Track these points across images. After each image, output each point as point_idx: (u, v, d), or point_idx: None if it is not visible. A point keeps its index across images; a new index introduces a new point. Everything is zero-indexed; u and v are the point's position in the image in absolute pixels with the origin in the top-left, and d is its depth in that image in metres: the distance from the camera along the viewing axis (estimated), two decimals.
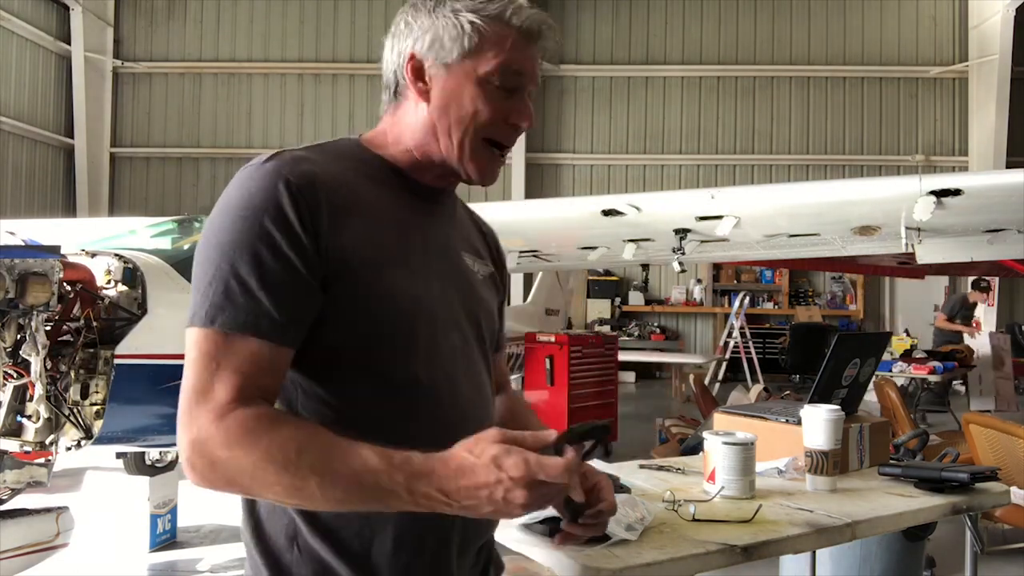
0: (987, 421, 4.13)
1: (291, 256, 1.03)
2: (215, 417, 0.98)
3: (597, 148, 14.18)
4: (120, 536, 4.51)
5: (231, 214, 1.04)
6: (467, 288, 1.24)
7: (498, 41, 1.14)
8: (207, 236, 1.05)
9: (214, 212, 1.07)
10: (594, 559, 1.55)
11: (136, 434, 4.01)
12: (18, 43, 12.19)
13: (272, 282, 1.02)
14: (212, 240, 1.04)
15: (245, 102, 14.07)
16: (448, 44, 1.14)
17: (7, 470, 3.67)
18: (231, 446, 0.97)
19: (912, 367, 7.56)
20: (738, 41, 14.00)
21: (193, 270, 1.06)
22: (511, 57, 1.14)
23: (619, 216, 4.53)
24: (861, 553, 3.12)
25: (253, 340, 1.01)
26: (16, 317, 3.34)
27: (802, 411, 2.18)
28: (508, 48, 1.14)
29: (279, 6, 14.00)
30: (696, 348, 14.01)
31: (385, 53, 1.21)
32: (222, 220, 1.05)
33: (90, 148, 13.39)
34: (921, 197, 3.76)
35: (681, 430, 6.19)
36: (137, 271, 3.90)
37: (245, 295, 1.01)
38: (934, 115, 13.86)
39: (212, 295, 1.01)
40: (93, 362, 3.70)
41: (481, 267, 1.30)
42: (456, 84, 1.15)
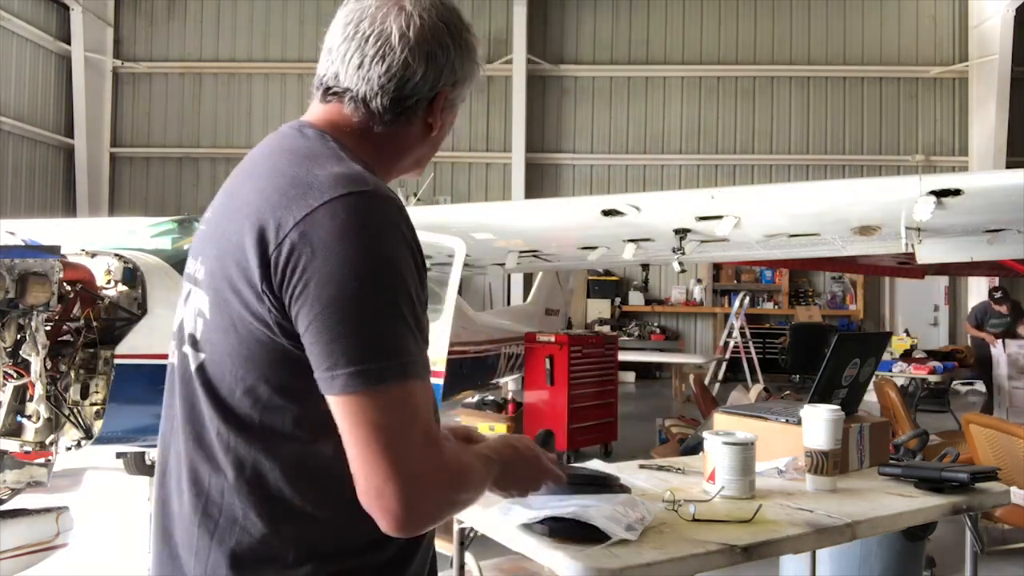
0: (987, 421, 4.13)
1: (424, 288, 1.07)
2: (443, 461, 1.02)
3: (597, 148, 14.18)
4: (120, 536, 4.51)
5: (384, 251, 0.99)
6: None
7: (474, 78, 1.23)
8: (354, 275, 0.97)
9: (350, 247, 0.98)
10: (594, 559, 1.56)
11: (136, 434, 4.00)
12: (18, 43, 12.20)
13: (424, 317, 1.05)
14: (370, 281, 0.98)
15: (245, 102, 14.07)
16: (466, 91, 1.22)
17: (7, 470, 3.67)
18: (456, 483, 1.06)
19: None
20: (738, 41, 14.00)
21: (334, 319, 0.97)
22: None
23: (619, 216, 4.53)
24: (861, 553, 3.12)
25: (429, 383, 1.05)
26: (16, 317, 3.34)
27: (802, 411, 2.18)
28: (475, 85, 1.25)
29: (279, 6, 14.01)
30: (696, 348, 14.01)
31: (407, 70, 1.12)
32: (372, 261, 0.98)
33: (90, 148, 13.40)
34: (921, 197, 3.76)
35: (681, 430, 6.20)
36: (137, 271, 3.90)
37: (420, 338, 1.03)
38: (934, 115, 13.86)
39: (397, 344, 0.98)
40: (93, 362, 3.69)
41: None
42: (449, 122, 1.24)
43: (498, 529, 1.77)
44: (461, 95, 1.21)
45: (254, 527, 1.04)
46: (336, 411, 0.98)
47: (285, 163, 1.09)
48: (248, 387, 1.05)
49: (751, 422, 2.38)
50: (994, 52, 12.91)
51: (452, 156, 13.62)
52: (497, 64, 13.59)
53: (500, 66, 13.60)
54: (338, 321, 0.96)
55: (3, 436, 3.44)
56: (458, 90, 1.20)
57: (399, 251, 1.00)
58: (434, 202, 11.27)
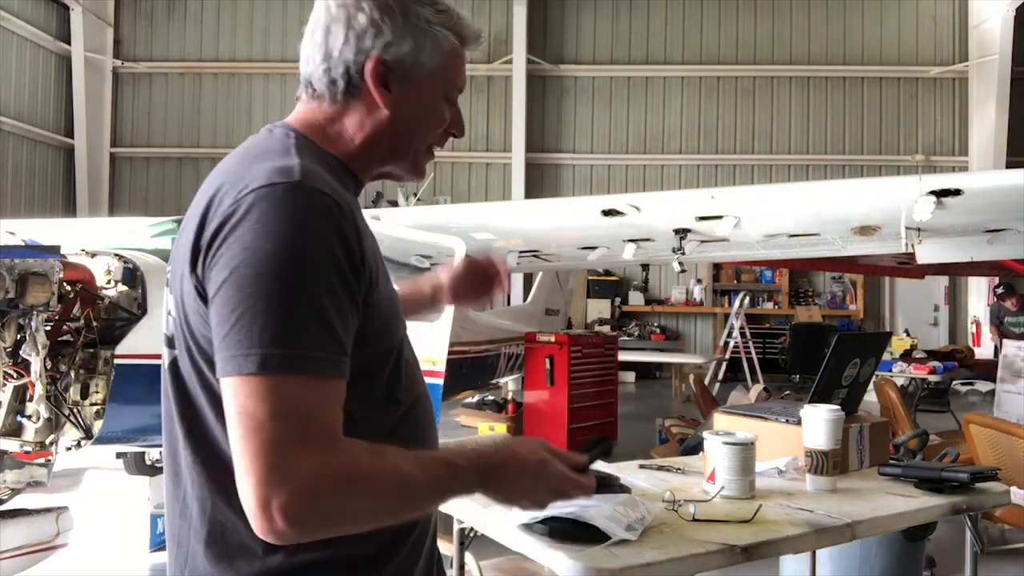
0: (987, 421, 4.13)
1: (354, 282, 1.01)
2: (325, 464, 0.93)
3: (597, 148, 14.18)
4: (120, 536, 4.51)
5: (290, 240, 0.96)
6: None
7: (459, 57, 1.20)
8: (258, 264, 0.95)
9: (259, 236, 0.96)
10: (594, 559, 1.56)
11: (136, 434, 4.00)
12: (18, 43, 12.20)
13: (345, 319, 0.99)
14: (270, 270, 0.95)
15: (245, 102, 14.07)
16: (424, 58, 1.15)
17: (7, 470, 3.67)
18: (350, 489, 0.95)
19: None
20: (738, 41, 14.00)
21: (235, 300, 0.95)
22: (464, 74, 1.21)
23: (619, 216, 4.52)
24: (861, 553, 3.12)
25: (333, 380, 0.98)
26: (16, 317, 3.34)
27: (802, 411, 2.18)
28: (463, 65, 1.21)
29: (279, 6, 14.00)
30: (696, 348, 14.01)
31: (329, 39, 1.14)
32: (277, 247, 0.95)
33: (90, 148, 13.40)
34: (921, 197, 3.75)
35: (681, 430, 6.20)
36: (137, 271, 3.90)
37: (324, 331, 0.96)
38: (934, 115, 13.86)
39: (287, 334, 0.94)
40: (93, 362, 3.69)
41: None
42: (425, 97, 1.18)
43: (498, 529, 1.77)
44: (408, 61, 1.13)
45: (224, 517, 1.04)
46: (223, 395, 0.97)
47: (235, 162, 1.10)
48: (203, 380, 1.06)
49: (751, 422, 2.38)
50: (994, 52, 12.91)
51: (452, 156, 13.62)
52: (497, 64, 13.59)
53: (500, 66, 13.60)
54: (234, 306, 0.95)
55: (3, 436, 3.44)
56: (399, 56, 1.12)
57: (312, 243, 0.97)
58: (434, 202, 11.27)
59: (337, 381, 0.98)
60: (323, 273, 0.97)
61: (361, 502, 0.97)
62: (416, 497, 1.04)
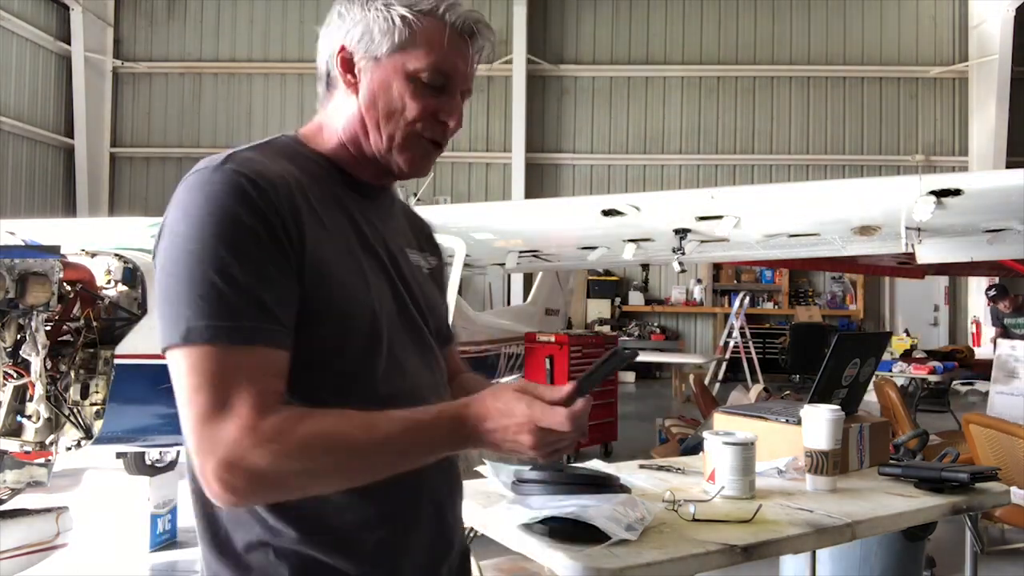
0: (987, 421, 4.13)
1: (277, 254, 1.02)
2: (246, 430, 0.95)
3: (597, 148, 14.18)
4: (120, 536, 4.51)
5: (202, 218, 0.99)
6: (415, 284, 1.24)
7: (429, 38, 1.13)
8: (176, 244, 1.00)
9: (176, 219, 1.02)
10: (594, 559, 1.55)
11: (136, 434, 4.01)
12: (18, 43, 12.20)
13: (271, 287, 1.00)
14: (186, 248, 0.99)
15: (245, 102, 14.07)
16: (378, 37, 1.13)
17: (7, 470, 3.67)
18: (276, 452, 0.95)
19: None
20: (738, 41, 14.00)
21: (162, 282, 1.01)
22: (441, 55, 1.14)
23: (619, 216, 4.53)
24: (861, 553, 3.12)
25: (259, 349, 0.99)
26: (16, 317, 3.34)
27: (802, 411, 2.18)
28: (439, 45, 1.14)
29: (279, 6, 14.01)
30: (696, 348, 14.01)
31: (319, 44, 1.20)
32: (191, 226, 1.00)
33: (90, 148, 13.40)
34: (921, 197, 3.76)
35: (681, 430, 6.19)
36: (137, 271, 3.90)
37: (242, 301, 0.98)
38: (934, 115, 13.87)
39: (205, 307, 0.97)
40: (93, 362, 3.70)
41: (424, 262, 1.31)
42: (384, 78, 1.14)
43: (498, 529, 1.77)
44: (364, 42, 1.14)
45: (211, 508, 1.11)
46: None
47: None
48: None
49: (751, 422, 2.38)
50: (994, 52, 12.91)
51: (452, 156, 13.62)
52: (497, 64, 13.59)
53: (500, 66, 13.60)
54: (160, 287, 1.02)
55: (3, 436, 3.44)
56: (363, 41, 1.14)
57: (222, 219, 0.99)
58: (434, 202, 11.27)
59: (264, 349, 0.99)
60: (236, 246, 0.99)
61: (292, 464, 0.97)
62: (361, 456, 1.01)
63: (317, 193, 1.12)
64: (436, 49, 1.13)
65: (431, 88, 1.15)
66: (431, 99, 1.15)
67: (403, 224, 1.32)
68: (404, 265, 1.22)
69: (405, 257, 1.24)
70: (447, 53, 1.14)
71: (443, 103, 1.16)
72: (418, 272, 1.27)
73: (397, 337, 1.15)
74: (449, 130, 1.18)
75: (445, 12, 1.14)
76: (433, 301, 1.28)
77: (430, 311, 1.25)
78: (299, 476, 0.98)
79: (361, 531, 1.10)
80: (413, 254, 1.28)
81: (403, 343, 1.17)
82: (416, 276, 1.25)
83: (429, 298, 1.26)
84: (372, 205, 1.22)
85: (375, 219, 1.21)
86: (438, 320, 1.29)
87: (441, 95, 1.16)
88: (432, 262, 1.34)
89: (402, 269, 1.21)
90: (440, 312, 1.32)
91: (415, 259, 1.28)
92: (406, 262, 1.24)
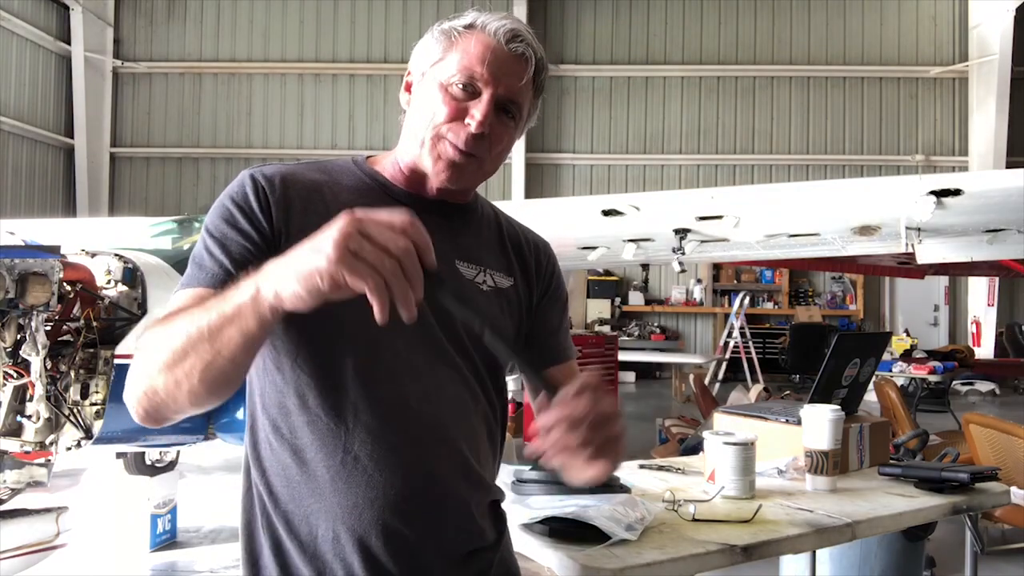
0: (987, 421, 4.13)
1: (247, 228, 1.14)
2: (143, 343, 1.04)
3: (597, 148, 14.18)
4: (120, 536, 4.51)
5: (213, 208, 1.19)
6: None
7: (465, 47, 1.18)
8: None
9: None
10: (594, 559, 1.56)
11: (136, 434, 4.00)
12: (18, 43, 12.19)
13: (229, 247, 1.12)
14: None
15: (245, 102, 14.06)
16: (426, 55, 1.22)
17: (7, 470, 3.66)
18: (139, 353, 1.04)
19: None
20: (738, 41, 13.99)
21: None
22: (472, 61, 1.17)
23: (619, 216, 4.53)
24: (861, 553, 3.12)
25: (196, 288, 1.11)
26: (16, 317, 3.34)
27: (802, 411, 2.18)
28: (471, 53, 1.17)
29: (279, 6, 14.00)
30: (696, 348, 14.01)
31: None
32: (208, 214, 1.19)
33: (90, 148, 13.39)
34: (921, 197, 3.76)
35: (681, 430, 6.19)
36: (137, 271, 3.90)
37: (210, 260, 1.12)
38: (934, 115, 13.86)
39: (189, 268, 1.14)
40: (93, 362, 3.69)
41: (487, 278, 1.27)
42: (425, 88, 1.20)
43: None
44: (421, 64, 1.23)
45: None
46: None
47: None
48: None
49: (751, 422, 2.38)
50: (994, 52, 12.91)
51: None
52: None
53: None
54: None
55: (3, 436, 3.44)
56: (417, 61, 1.25)
57: (218, 206, 1.17)
58: None
59: (196, 288, 1.10)
60: (216, 223, 1.15)
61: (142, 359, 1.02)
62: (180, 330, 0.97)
63: (347, 200, 1.16)
64: (467, 56, 1.17)
65: (462, 93, 1.17)
66: (460, 104, 1.18)
67: (474, 242, 1.30)
68: (440, 276, 1.21)
69: (447, 269, 1.20)
70: (478, 60, 1.17)
71: (471, 107, 1.17)
72: (467, 286, 1.24)
73: (387, 337, 1.10)
74: (471, 134, 1.17)
75: (485, 25, 1.19)
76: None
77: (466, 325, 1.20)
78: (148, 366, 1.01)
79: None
80: (469, 268, 1.26)
81: (405, 348, 1.15)
82: (459, 290, 1.21)
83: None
84: (422, 219, 1.22)
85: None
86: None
87: (471, 100, 1.18)
88: (503, 282, 1.30)
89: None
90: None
91: (469, 273, 1.25)
92: (446, 274, 1.21)
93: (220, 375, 0.96)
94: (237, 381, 1.01)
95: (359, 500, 1.11)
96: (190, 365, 0.96)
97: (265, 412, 1.17)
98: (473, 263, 1.27)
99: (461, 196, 1.28)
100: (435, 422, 1.17)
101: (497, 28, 1.18)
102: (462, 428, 1.20)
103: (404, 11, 13.88)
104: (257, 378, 1.18)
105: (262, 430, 1.18)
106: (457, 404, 1.20)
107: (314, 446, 1.12)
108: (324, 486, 1.12)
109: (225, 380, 0.98)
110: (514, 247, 1.37)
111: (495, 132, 1.19)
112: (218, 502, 5.53)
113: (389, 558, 1.12)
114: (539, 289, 1.37)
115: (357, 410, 1.12)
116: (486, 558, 1.22)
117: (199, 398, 0.99)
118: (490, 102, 1.17)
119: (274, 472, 1.15)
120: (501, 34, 1.18)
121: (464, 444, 1.19)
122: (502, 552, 1.27)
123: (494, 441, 1.28)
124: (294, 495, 1.13)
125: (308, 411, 1.13)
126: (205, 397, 0.99)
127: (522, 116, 1.24)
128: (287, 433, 1.14)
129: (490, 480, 1.26)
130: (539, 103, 1.30)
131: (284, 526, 1.14)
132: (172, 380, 0.98)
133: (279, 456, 1.15)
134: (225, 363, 0.95)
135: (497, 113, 1.19)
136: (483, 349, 1.21)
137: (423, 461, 1.14)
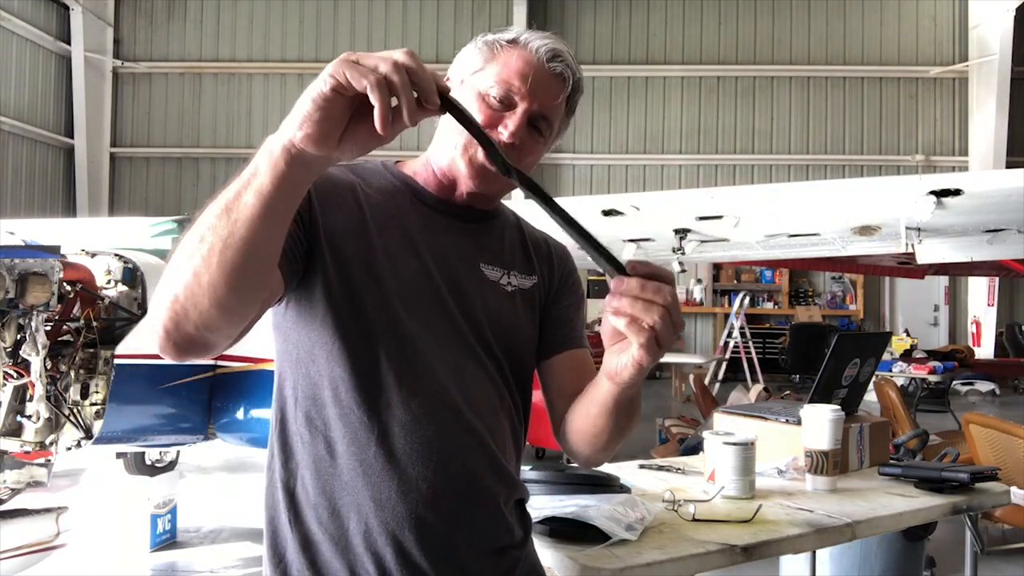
0: (987, 421, 4.13)
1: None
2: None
3: (597, 148, 14.18)
4: (120, 536, 4.51)
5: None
6: (473, 296, 1.24)
7: (506, 60, 1.21)
8: None
9: None
10: (594, 559, 1.56)
11: (136, 434, 4.01)
12: (18, 43, 12.19)
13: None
14: None
15: (245, 102, 14.06)
16: (467, 63, 1.25)
17: (7, 470, 3.67)
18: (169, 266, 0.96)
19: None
20: (738, 41, 14.00)
21: None
22: (512, 75, 1.20)
23: (619, 216, 4.53)
24: (861, 553, 3.12)
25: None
26: (16, 317, 3.34)
27: (802, 411, 2.18)
28: (512, 67, 1.20)
29: (279, 6, 14.00)
30: (696, 348, 14.01)
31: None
32: None
33: (90, 148, 13.39)
34: (921, 197, 3.76)
35: (681, 430, 6.19)
36: (137, 271, 3.91)
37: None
38: (934, 115, 13.86)
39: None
40: (93, 362, 3.70)
41: (509, 280, 1.31)
42: (463, 96, 1.21)
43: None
44: (460, 72, 1.26)
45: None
46: None
47: None
48: None
49: (751, 422, 2.38)
50: (994, 52, 12.91)
51: None
52: None
53: None
54: None
55: (3, 436, 3.44)
56: (457, 70, 1.27)
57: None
58: None
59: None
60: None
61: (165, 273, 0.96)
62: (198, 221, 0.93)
63: (377, 201, 1.22)
64: (507, 70, 1.20)
65: (499, 104, 1.20)
66: (495, 113, 1.20)
67: (498, 245, 1.33)
68: (464, 277, 1.25)
69: (472, 270, 1.26)
70: (518, 74, 1.20)
71: (505, 117, 1.20)
72: (488, 287, 1.27)
73: (419, 333, 1.17)
74: (503, 143, 1.19)
75: (528, 42, 1.22)
76: (497, 315, 1.27)
77: (491, 323, 1.25)
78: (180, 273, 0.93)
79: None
80: (492, 271, 1.29)
81: (436, 344, 1.19)
82: (482, 290, 1.26)
83: (493, 312, 1.26)
84: (441, 219, 1.26)
85: (440, 231, 1.25)
86: (504, 334, 1.27)
87: (505, 111, 1.21)
88: (525, 282, 1.33)
89: (459, 280, 1.24)
90: (507, 327, 1.28)
91: (493, 276, 1.29)
92: (469, 274, 1.25)
93: (238, 256, 0.90)
94: (258, 272, 0.95)
95: (392, 493, 1.13)
96: (207, 248, 0.90)
97: (298, 405, 1.18)
98: (497, 266, 1.31)
99: (487, 203, 1.32)
100: (466, 417, 1.19)
101: (540, 46, 1.21)
102: (490, 424, 1.23)
103: (404, 11, 13.89)
104: (290, 370, 1.19)
105: (293, 423, 1.18)
106: (485, 400, 1.23)
107: (346, 439, 1.14)
108: (356, 479, 1.13)
109: (244, 265, 0.91)
110: (535, 248, 1.41)
111: (525, 145, 1.22)
112: (218, 502, 5.54)
113: (421, 551, 1.13)
114: (557, 281, 1.41)
115: (390, 404, 1.15)
116: (513, 555, 1.24)
117: (219, 293, 0.92)
118: (524, 115, 1.20)
119: (305, 465, 1.17)
120: (543, 52, 1.21)
121: (492, 440, 1.21)
122: (528, 551, 1.29)
123: (517, 439, 1.30)
124: (325, 488, 1.15)
125: (341, 404, 1.15)
126: (226, 292, 0.92)
127: (552, 133, 1.27)
128: (320, 425, 1.16)
129: (516, 476, 1.28)
130: (570, 122, 1.33)
131: (314, 520, 1.15)
132: (191, 273, 0.92)
133: (311, 449, 1.16)
134: (242, 238, 0.89)
135: (529, 128, 1.22)
136: (507, 348, 1.27)
137: (455, 455, 1.16)
